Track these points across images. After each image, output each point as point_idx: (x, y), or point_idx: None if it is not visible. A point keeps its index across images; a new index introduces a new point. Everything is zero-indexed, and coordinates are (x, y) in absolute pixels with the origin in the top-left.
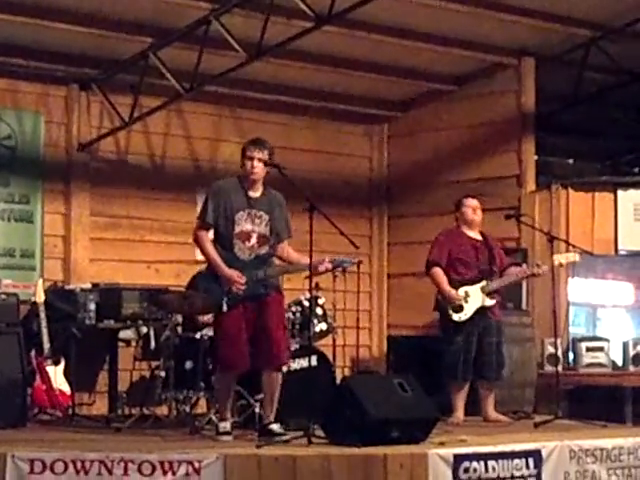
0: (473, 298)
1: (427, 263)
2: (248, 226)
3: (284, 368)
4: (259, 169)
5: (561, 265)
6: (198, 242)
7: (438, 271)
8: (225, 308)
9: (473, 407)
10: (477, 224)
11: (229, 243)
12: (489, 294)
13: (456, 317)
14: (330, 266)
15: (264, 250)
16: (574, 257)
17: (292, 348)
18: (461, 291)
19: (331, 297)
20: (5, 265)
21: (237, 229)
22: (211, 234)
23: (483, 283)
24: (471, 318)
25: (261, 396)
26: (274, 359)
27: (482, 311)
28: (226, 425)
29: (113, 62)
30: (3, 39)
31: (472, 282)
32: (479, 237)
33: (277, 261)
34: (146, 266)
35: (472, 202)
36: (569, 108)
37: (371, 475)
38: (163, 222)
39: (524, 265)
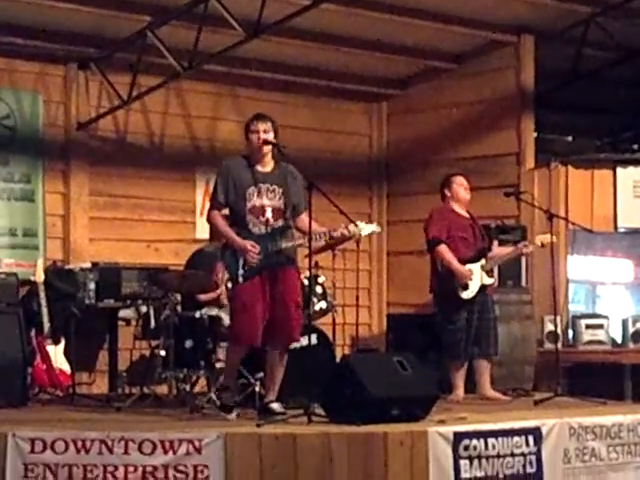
0: (476, 276)
1: (430, 241)
2: (261, 201)
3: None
4: (269, 139)
5: (542, 245)
6: (211, 221)
7: (444, 248)
8: (241, 279)
9: (470, 385)
10: (467, 202)
11: (242, 219)
12: (487, 272)
13: (464, 295)
14: (347, 232)
15: (280, 223)
16: (551, 238)
17: None
18: (466, 268)
19: (331, 275)
20: (8, 244)
21: (249, 205)
22: (226, 213)
23: (483, 261)
24: (477, 294)
25: (261, 375)
26: (286, 336)
27: (484, 288)
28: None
29: (111, 41)
30: (1, 18)
31: (473, 260)
32: (467, 215)
33: (297, 234)
34: (145, 245)
35: (463, 180)
36: (568, 85)
37: (371, 453)
38: (162, 201)
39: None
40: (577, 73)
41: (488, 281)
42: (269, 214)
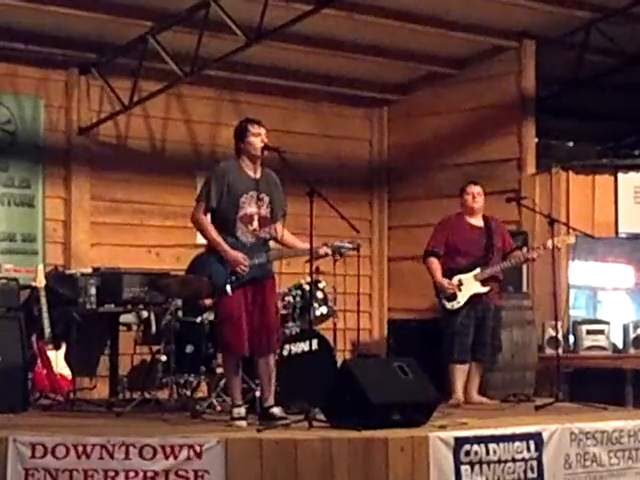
0: (466, 286)
1: (424, 252)
2: (251, 209)
3: (284, 352)
4: (269, 144)
5: (558, 248)
6: (199, 225)
7: (433, 261)
8: (229, 291)
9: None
10: (477, 210)
11: (232, 227)
12: (483, 281)
13: (449, 305)
14: (329, 251)
15: (265, 233)
16: (571, 239)
17: (293, 332)
18: (455, 279)
19: (331, 281)
20: (6, 250)
21: (241, 212)
22: (209, 217)
23: (476, 271)
24: (467, 303)
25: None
26: (269, 344)
27: (478, 297)
28: (240, 410)
29: (113, 46)
30: (3, 23)
31: (466, 270)
32: (480, 223)
33: (271, 243)
34: (146, 250)
35: (472, 189)
36: (569, 91)
37: (372, 458)
38: (163, 206)
39: (523, 249)
40: (578, 79)
41: (482, 290)
42: (256, 223)
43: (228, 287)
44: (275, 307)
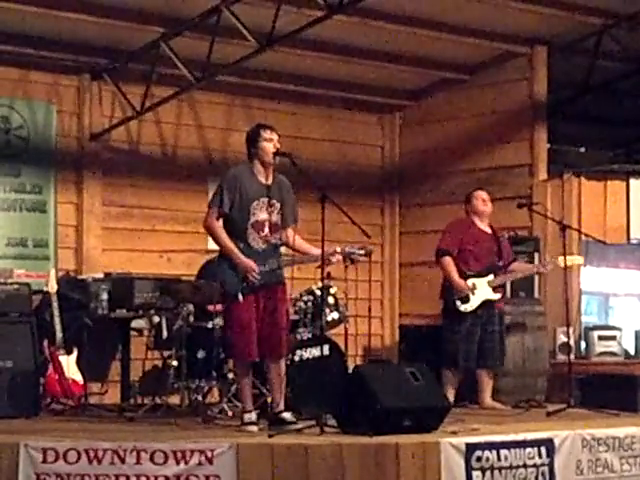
0: (479, 291)
1: (437, 251)
2: (262, 215)
3: (296, 357)
4: (281, 150)
5: (566, 267)
6: (211, 230)
7: (448, 260)
8: (241, 298)
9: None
10: (486, 216)
11: (243, 233)
12: (494, 288)
13: (462, 307)
14: (340, 257)
15: (275, 239)
16: (580, 260)
17: (304, 337)
18: (469, 283)
19: (343, 286)
20: (18, 255)
21: (252, 219)
22: (221, 223)
23: (490, 277)
24: (475, 309)
25: None
26: (279, 350)
27: (486, 303)
28: (251, 416)
29: (125, 52)
30: (15, 29)
31: (480, 275)
32: (488, 230)
33: (282, 248)
34: (158, 256)
35: (482, 194)
36: (581, 96)
37: (383, 464)
38: (175, 212)
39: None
40: (590, 84)
41: (493, 297)
42: (267, 229)
43: (239, 294)
44: (286, 313)
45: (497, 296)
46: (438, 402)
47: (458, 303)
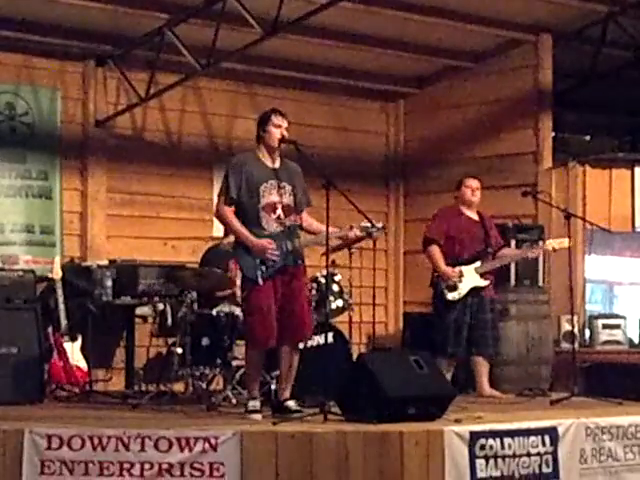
0: (467, 278)
1: (424, 240)
2: (273, 198)
3: (300, 345)
4: (287, 136)
5: (554, 250)
6: (222, 218)
7: (435, 248)
8: (260, 281)
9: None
10: (475, 204)
11: (255, 217)
12: (482, 275)
13: (450, 296)
14: (359, 232)
15: (290, 221)
16: (566, 243)
17: None
18: (456, 270)
19: (347, 274)
20: (25, 241)
21: (263, 201)
22: (232, 210)
23: (477, 264)
24: (464, 297)
25: (277, 372)
26: (299, 333)
27: (475, 290)
28: (255, 403)
29: (129, 38)
30: (20, 15)
31: (467, 262)
32: (476, 217)
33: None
34: (162, 242)
35: (472, 182)
36: (586, 84)
37: (387, 452)
38: (179, 198)
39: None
40: (595, 72)
41: (481, 283)
42: (280, 211)
43: (259, 278)
44: (307, 294)
45: (485, 283)
46: (442, 390)
47: (446, 292)
